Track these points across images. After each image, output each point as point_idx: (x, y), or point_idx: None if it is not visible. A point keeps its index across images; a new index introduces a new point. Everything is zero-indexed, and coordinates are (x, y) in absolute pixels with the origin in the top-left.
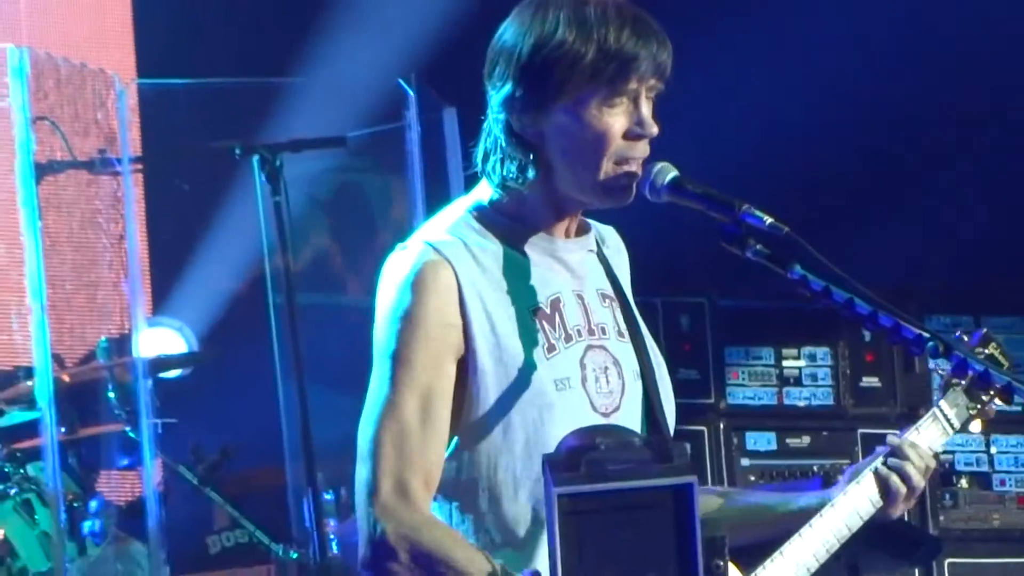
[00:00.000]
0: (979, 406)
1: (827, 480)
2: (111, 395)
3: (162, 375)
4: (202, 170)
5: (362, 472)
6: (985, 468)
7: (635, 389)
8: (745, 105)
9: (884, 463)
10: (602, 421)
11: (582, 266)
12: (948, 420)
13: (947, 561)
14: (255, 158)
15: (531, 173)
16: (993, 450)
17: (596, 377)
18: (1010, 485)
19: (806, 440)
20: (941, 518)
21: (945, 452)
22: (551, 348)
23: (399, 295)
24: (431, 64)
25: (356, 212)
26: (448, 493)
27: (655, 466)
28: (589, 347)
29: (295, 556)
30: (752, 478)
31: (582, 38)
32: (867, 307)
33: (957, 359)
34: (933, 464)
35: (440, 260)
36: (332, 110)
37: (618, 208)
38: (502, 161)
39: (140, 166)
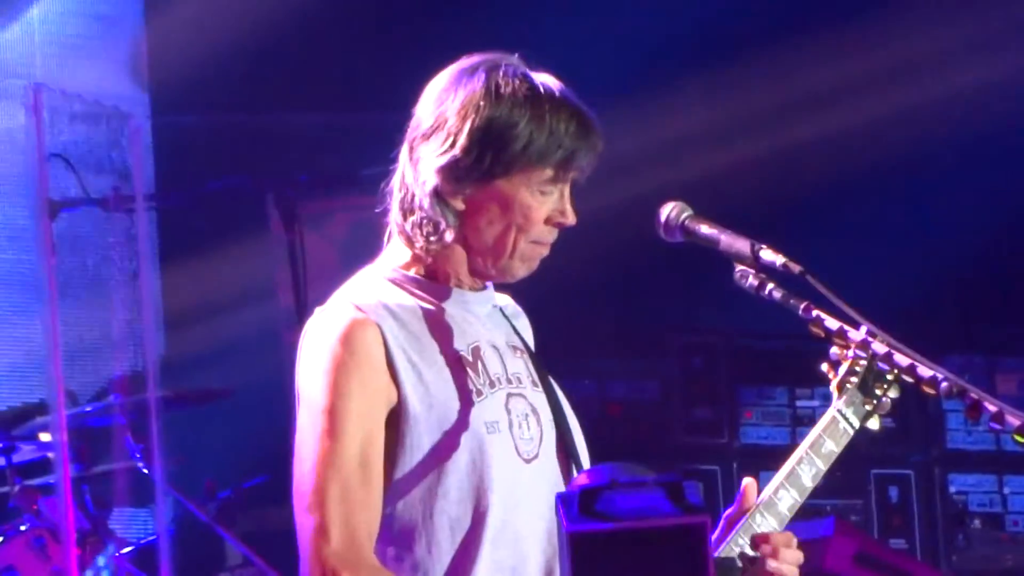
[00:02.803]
0: (875, 401)
1: (839, 520)
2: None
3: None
4: (216, 207)
5: (308, 522)
6: (998, 509)
7: (550, 436)
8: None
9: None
10: (524, 468)
11: (491, 319)
12: (847, 420)
13: None
14: (269, 195)
15: (448, 237)
16: (1006, 491)
17: (519, 423)
18: (1023, 526)
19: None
20: (954, 558)
21: (958, 493)
22: (479, 393)
23: (329, 352)
24: None
25: (370, 249)
26: (383, 539)
27: (668, 505)
28: (510, 394)
29: None
30: None
31: (537, 122)
32: (882, 347)
33: (971, 400)
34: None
35: (364, 318)
36: (347, 148)
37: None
38: (421, 223)
39: (154, 203)
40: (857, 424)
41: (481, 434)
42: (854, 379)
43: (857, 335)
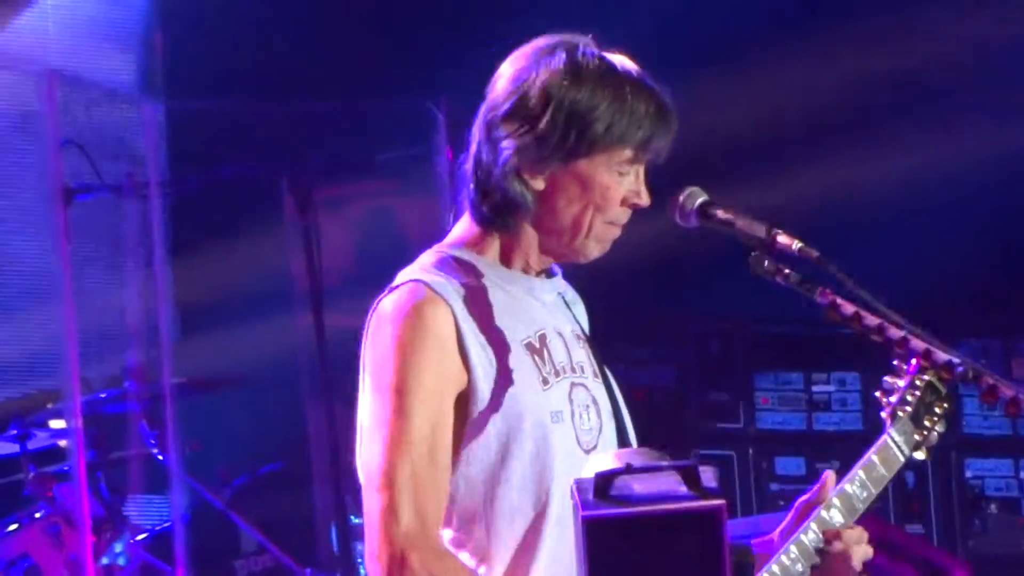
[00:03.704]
0: (925, 433)
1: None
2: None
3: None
4: (230, 192)
5: (378, 501)
6: (1015, 494)
7: (609, 428)
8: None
9: (811, 544)
10: (584, 459)
11: (556, 307)
12: (899, 447)
13: None
14: (284, 181)
15: (525, 217)
16: (1023, 475)
17: (580, 414)
18: None
19: (836, 465)
20: (971, 543)
21: (974, 478)
22: (545, 381)
23: (399, 331)
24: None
25: (385, 235)
26: (444, 522)
27: (684, 491)
28: (573, 384)
29: None
30: (781, 503)
31: (619, 104)
32: (897, 331)
33: (987, 384)
34: (862, 541)
35: (436, 297)
36: (361, 133)
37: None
38: (498, 203)
39: (168, 189)
40: (908, 452)
41: (546, 423)
42: (907, 408)
43: (919, 365)
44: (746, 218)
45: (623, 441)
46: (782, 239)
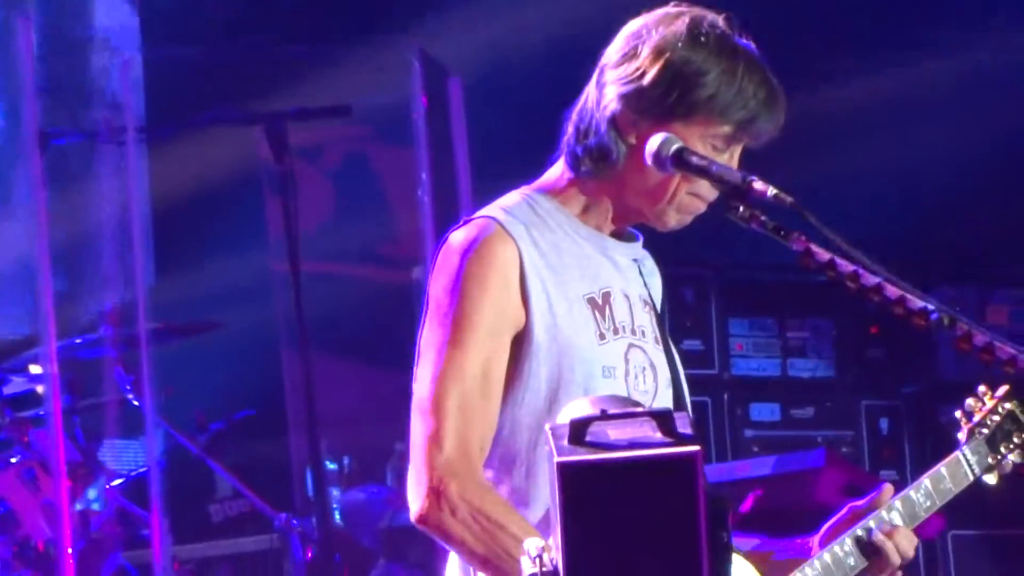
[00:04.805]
0: (999, 458)
1: (829, 451)
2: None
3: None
4: (207, 138)
5: (423, 427)
6: None
7: (666, 396)
8: None
9: (868, 536)
10: None
11: (628, 270)
12: (971, 466)
13: None
14: (260, 127)
15: (615, 167)
16: None
17: (636, 375)
18: None
19: (810, 411)
20: None
21: (949, 424)
22: (602, 336)
23: (465, 263)
24: (436, 34)
25: (360, 181)
26: (486, 460)
27: (659, 437)
28: (631, 345)
29: (297, 525)
30: (756, 448)
31: (728, 76)
32: (872, 278)
33: (962, 331)
34: (912, 548)
35: (504, 235)
36: (338, 80)
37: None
38: (593, 147)
39: (145, 135)
40: (978, 472)
41: (596, 376)
42: (984, 431)
43: (999, 393)
44: (721, 164)
45: (680, 410)
46: (757, 185)
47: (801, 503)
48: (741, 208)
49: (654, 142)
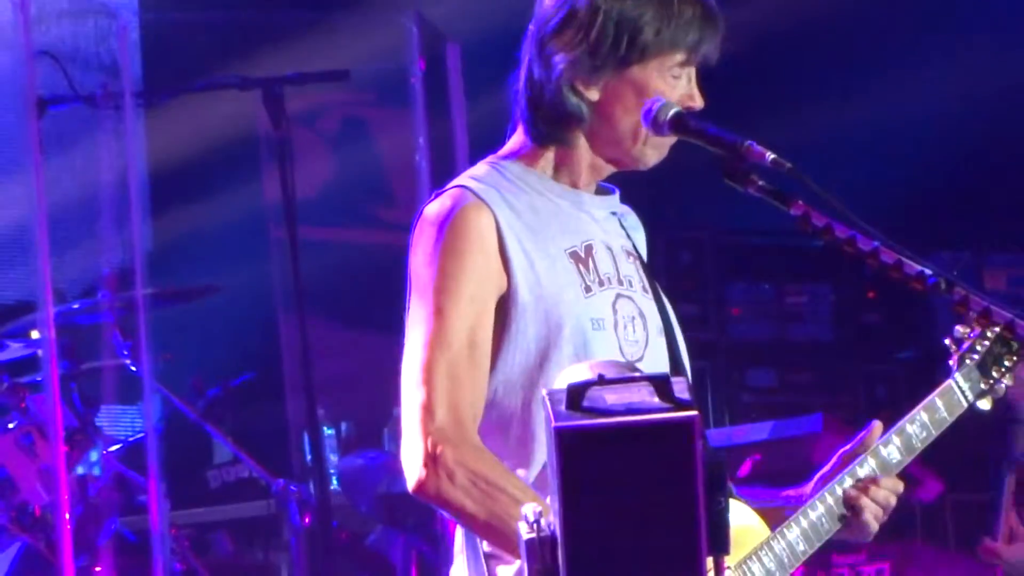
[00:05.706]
0: (991, 383)
1: (827, 416)
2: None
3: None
4: (204, 103)
5: (415, 397)
6: None
7: (658, 344)
8: None
9: (853, 486)
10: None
11: (607, 222)
12: (964, 393)
13: None
14: (257, 92)
15: (581, 128)
16: None
17: (625, 324)
18: None
19: (807, 376)
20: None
21: None
22: (587, 289)
23: (442, 234)
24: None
25: (359, 146)
26: (480, 427)
27: (657, 402)
28: (619, 295)
29: (295, 491)
30: (753, 413)
31: (666, 9)
32: (869, 243)
33: (959, 295)
34: (894, 495)
35: (478, 202)
36: (336, 45)
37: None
38: (551, 116)
39: (142, 101)
40: (971, 399)
41: (586, 329)
42: (975, 356)
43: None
44: (719, 129)
45: (674, 357)
46: (755, 149)
47: (799, 468)
48: (739, 172)
49: (651, 106)
